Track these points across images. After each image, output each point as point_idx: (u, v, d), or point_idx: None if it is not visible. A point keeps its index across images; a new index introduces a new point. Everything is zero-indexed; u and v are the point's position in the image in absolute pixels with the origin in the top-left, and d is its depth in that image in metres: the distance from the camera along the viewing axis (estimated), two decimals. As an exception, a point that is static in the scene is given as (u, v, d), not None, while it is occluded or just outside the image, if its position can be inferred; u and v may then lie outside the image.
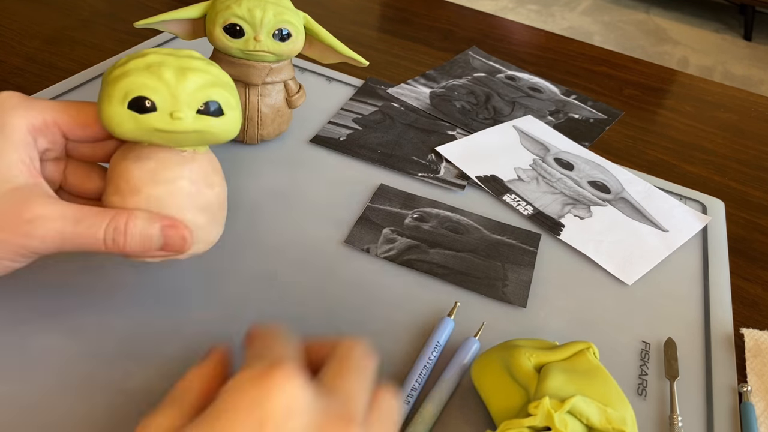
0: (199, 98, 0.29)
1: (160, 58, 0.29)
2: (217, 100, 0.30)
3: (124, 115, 0.28)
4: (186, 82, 0.29)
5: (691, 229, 0.49)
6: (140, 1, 0.74)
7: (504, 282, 0.42)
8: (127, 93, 0.28)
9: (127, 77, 0.28)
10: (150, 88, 0.28)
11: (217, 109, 0.30)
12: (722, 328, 0.41)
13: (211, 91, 0.30)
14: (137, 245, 0.29)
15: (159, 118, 0.29)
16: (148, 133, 0.29)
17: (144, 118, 0.29)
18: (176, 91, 0.29)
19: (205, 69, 0.30)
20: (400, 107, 0.59)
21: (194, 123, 0.29)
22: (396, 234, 0.44)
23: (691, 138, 0.64)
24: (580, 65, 0.75)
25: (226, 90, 0.31)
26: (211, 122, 0.30)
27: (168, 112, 0.29)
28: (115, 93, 0.28)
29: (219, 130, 0.30)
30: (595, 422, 0.29)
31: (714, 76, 2.29)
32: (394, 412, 0.26)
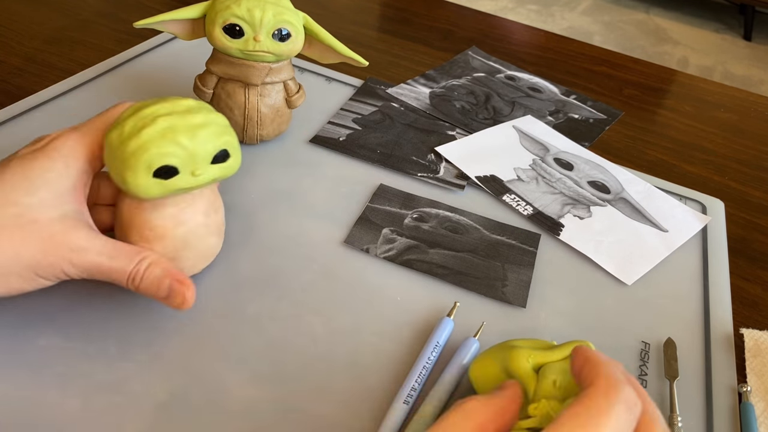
0: (212, 152, 0.33)
1: (168, 123, 0.32)
2: (226, 148, 0.34)
3: (150, 183, 0.32)
4: (200, 142, 0.32)
5: (691, 229, 0.49)
6: (140, 1, 0.74)
7: (503, 282, 0.42)
8: (151, 165, 0.31)
9: (147, 151, 0.31)
10: (171, 156, 0.32)
11: (225, 155, 0.34)
12: (722, 328, 0.41)
13: (219, 141, 0.33)
14: (148, 289, 0.32)
15: (182, 179, 0.32)
16: (172, 192, 0.33)
17: (169, 183, 0.32)
18: (194, 152, 0.32)
19: (208, 120, 0.33)
20: (400, 107, 0.59)
21: (211, 173, 0.34)
22: (395, 234, 0.44)
23: (691, 138, 0.64)
24: (580, 65, 0.75)
25: (230, 136, 0.34)
26: (221, 168, 0.34)
27: (189, 172, 0.32)
28: (140, 166, 0.31)
29: (228, 172, 0.35)
30: (594, 422, 0.29)
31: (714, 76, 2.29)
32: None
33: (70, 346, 0.33)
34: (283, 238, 0.43)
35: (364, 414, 0.33)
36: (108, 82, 0.56)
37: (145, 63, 0.60)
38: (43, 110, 0.51)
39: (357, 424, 0.32)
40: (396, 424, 0.32)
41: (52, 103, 0.52)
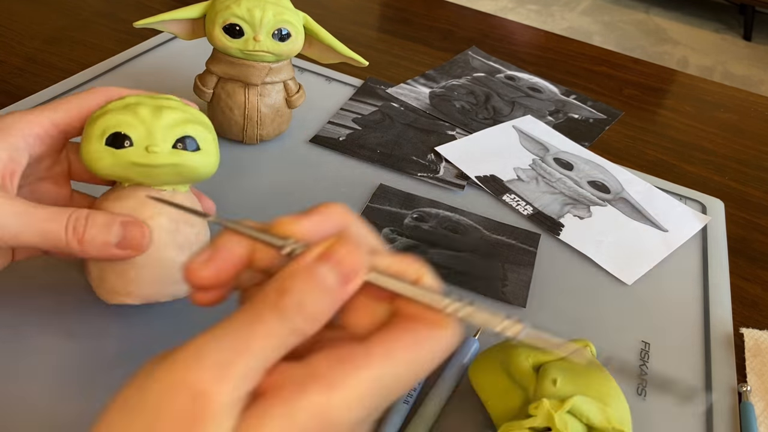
0: (175, 133, 0.30)
1: (137, 99, 0.31)
2: (193, 135, 0.31)
3: (102, 151, 0.29)
4: (161, 118, 0.30)
5: (691, 228, 0.49)
6: (140, 1, 0.74)
7: (503, 282, 0.42)
8: (105, 130, 0.29)
9: (104, 116, 0.30)
10: (126, 124, 0.29)
11: (193, 144, 0.31)
12: (722, 327, 0.41)
13: (186, 126, 0.31)
14: (97, 235, 0.28)
15: (135, 152, 0.30)
16: (125, 168, 0.30)
17: (121, 153, 0.29)
18: (152, 126, 0.30)
19: (181, 108, 0.31)
20: (400, 107, 0.59)
21: (169, 157, 0.30)
22: (396, 234, 0.44)
23: (691, 138, 0.64)
24: (580, 65, 0.75)
25: (203, 127, 0.32)
26: (186, 156, 0.31)
27: (143, 146, 0.30)
28: (94, 131, 0.30)
29: (195, 164, 0.31)
30: (595, 422, 0.29)
31: (714, 76, 2.29)
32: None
33: (70, 346, 0.33)
34: (283, 238, 0.43)
35: (364, 414, 0.33)
36: (108, 82, 0.56)
37: (145, 63, 0.60)
38: (43, 110, 0.51)
39: (357, 424, 0.32)
40: (396, 424, 0.32)
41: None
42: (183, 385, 0.18)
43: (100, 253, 0.29)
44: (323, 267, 0.20)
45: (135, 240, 0.29)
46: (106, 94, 0.33)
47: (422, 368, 0.20)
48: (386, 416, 0.32)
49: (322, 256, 0.20)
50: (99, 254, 0.29)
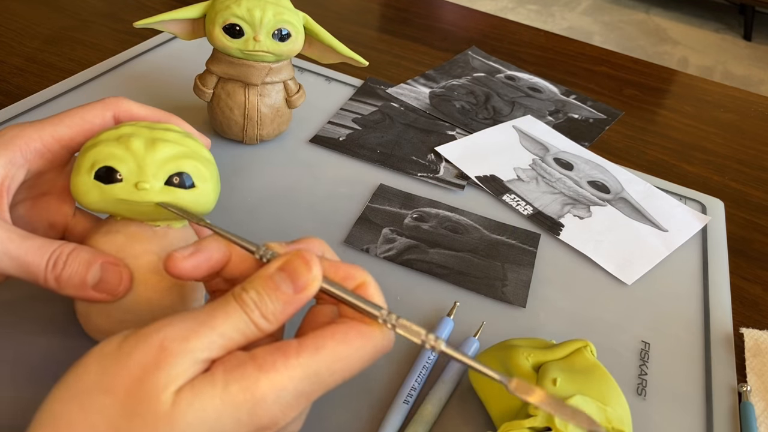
0: (168, 169, 0.28)
1: (132, 130, 0.29)
2: (188, 172, 0.29)
3: (89, 184, 0.28)
4: (155, 153, 0.28)
5: (691, 229, 0.49)
6: (140, 1, 0.74)
7: (503, 282, 0.42)
8: (94, 163, 0.28)
9: (95, 147, 0.28)
10: (116, 158, 0.28)
11: (187, 181, 0.29)
12: (722, 327, 0.41)
13: (181, 162, 0.28)
14: (75, 275, 0.28)
15: (123, 189, 0.28)
16: (113, 204, 0.28)
17: (108, 189, 0.28)
18: (143, 161, 0.28)
19: (179, 141, 0.29)
20: (400, 107, 0.59)
21: (160, 194, 0.28)
22: (395, 234, 0.44)
23: (691, 138, 0.64)
24: (580, 65, 0.75)
25: (199, 162, 0.29)
26: (179, 194, 0.28)
27: (133, 183, 0.28)
28: (84, 163, 0.28)
29: (188, 203, 0.29)
30: (594, 422, 0.29)
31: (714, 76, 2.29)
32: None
33: (70, 346, 0.33)
34: (282, 238, 0.43)
35: (364, 414, 0.33)
36: (108, 82, 0.56)
37: (145, 63, 0.60)
38: (43, 110, 0.51)
39: (357, 424, 0.32)
40: (396, 424, 0.32)
41: (52, 103, 0.52)
42: (153, 339, 0.22)
43: (77, 292, 0.28)
44: (279, 276, 0.24)
45: (111, 285, 0.28)
46: (115, 107, 0.32)
47: (353, 364, 0.24)
48: (386, 416, 0.32)
49: (281, 266, 0.24)
50: (76, 294, 0.28)
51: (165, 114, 0.33)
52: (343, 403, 0.33)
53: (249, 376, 0.22)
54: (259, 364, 0.22)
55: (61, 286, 0.28)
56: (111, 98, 0.32)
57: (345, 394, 0.34)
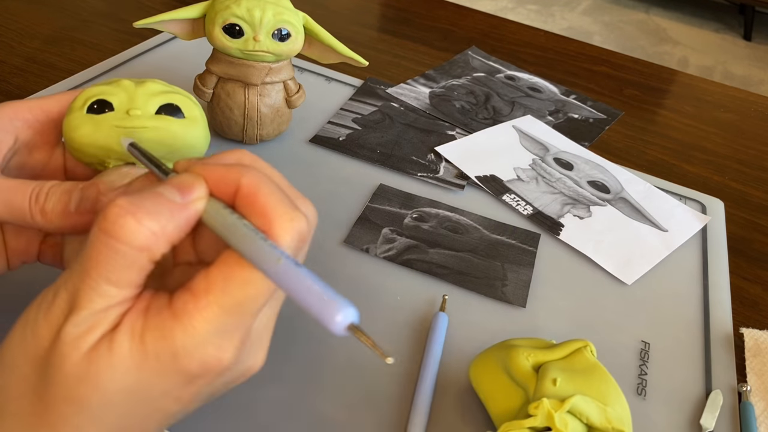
0: (158, 100, 0.30)
1: (119, 81, 0.30)
2: (176, 103, 0.30)
3: (81, 118, 0.29)
4: (144, 87, 0.30)
5: (691, 228, 0.49)
6: (140, 1, 0.74)
7: (503, 282, 0.42)
8: (87, 100, 0.29)
9: (88, 92, 0.30)
10: (108, 93, 0.29)
11: (176, 111, 0.30)
12: (722, 327, 0.41)
13: (170, 95, 0.30)
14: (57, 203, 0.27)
15: (115, 116, 0.29)
16: (106, 135, 0.29)
17: (100, 118, 0.29)
18: (134, 94, 0.30)
19: (165, 86, 0.31)
20: (400, 107, 0.59)
21: (152, 120, 0.29)
22: (395, 234, 0.44)
23: (691, 138, 0.64)
24: (580, 65, 0.75)
25: (189, 99, 0.31)
26: (169, 122, 0.30)
27: (125, 110, 0.29)
28: (76, 103, 0.29)
29: (176, 129, 0.30)
30: (595, 421, 0.29)
31: (714, 76, 2.29)
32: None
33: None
34: (283, 238, 0.43)
35: (364, 414, 0.33)
36: (108, 82, 0.56)
37: (145, 63, 0.60)
38: (43, 110, 0.51)
39: (356, 424, 0.32)
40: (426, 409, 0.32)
41: (52, 103, 0.52)
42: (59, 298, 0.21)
43: (62, 222, 0.28)
44: (164, 186, 0.22)
45: (89, 201, 0.27)
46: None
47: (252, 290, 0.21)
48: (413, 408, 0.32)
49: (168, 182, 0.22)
50: (62, 224, 0.28)
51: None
52: (343, 402, 0.33)
53: (164, 326, 0.20)
54: (173, 310, 0.21)
55: (47, 218, 0.27)
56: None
57: (345, 393, 0.34)
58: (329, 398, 0.33)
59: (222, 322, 0.21)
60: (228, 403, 0.32)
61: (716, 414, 0.35)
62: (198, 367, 0.21)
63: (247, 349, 0.23)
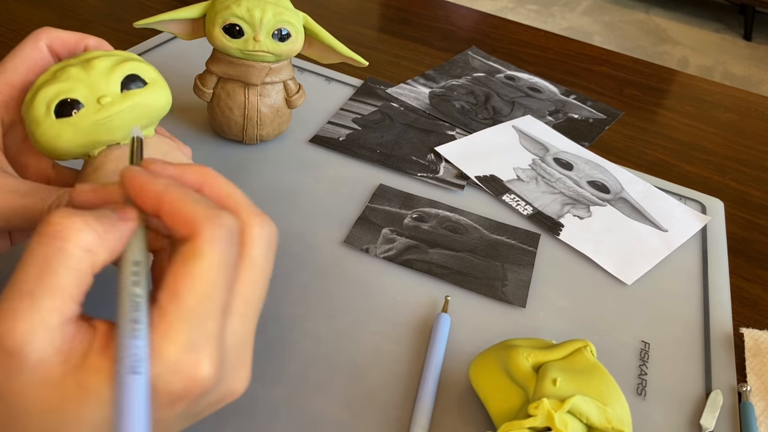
0: (116, 77, 0.29)
1: (62, 64, 0.30)
2: (133, 72, 0.30)
3: (56, 126, 0.28)
4: (94, 69, 0.29)
5: (691, 228, 0.49)
6: (140, 1, 0.74)
7: (503, 282, 0.42)
8: (48, 104, 0.28)
9: (39, 93, 0.29)
10: (67, 90, 0.28)
11: (138, 81, 0.30)
12: (722, 327, 0.41)
13: (123, 66, 0.30)
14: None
15: (89, 111, 0.29)
16: (88, 134, 0.29)
17: (77, 119, 0.28)
18: (91, 80, 0.29)
19: (108, 54, 0.30)
20: (400, 107, 0.59)
21: (123, 100, 0.29)
22: (395, 234, 0.44)
23: (691, 138, 0.64)
24: (580, 65, 0.75)
25: (138, 62, 0.31)
26: (138, 95, 0.30)
27: (94, 101, 0.29)
28: (37, 111, 0.28)
29: (148, 99, 0.30)
30: (595, 422, 0.29)
31: (714, 76, 2.29)
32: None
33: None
34: (283, 238, 0.43)
35: (364, 414, 0.33)
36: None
37: (145, 63, 0.60)
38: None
39: (357, 424, 0.32)
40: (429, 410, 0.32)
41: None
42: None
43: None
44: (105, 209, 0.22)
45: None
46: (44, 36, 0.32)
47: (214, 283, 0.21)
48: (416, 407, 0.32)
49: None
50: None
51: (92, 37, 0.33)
52: (343, 402, 0.33)
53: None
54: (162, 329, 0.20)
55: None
56: (37, 30, 0.32)
57: (345, 393, 0.34)
58: (330, 398, 0.33)
59: (188, 338, 0.20)
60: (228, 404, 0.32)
61: (716, 414, 0.35)
62: (179, 388, 0.20)
63: (226, 367, 0.22)
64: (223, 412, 0.32)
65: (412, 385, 0.35)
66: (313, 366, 0.35)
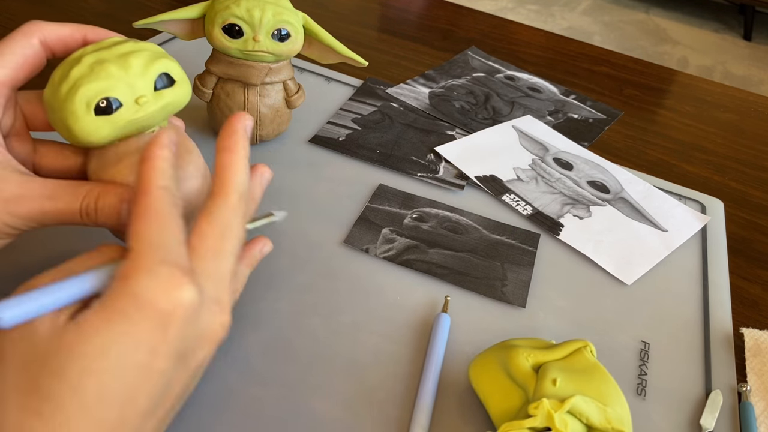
0: (150, 76, 0.31)
1: (95, 57, 0.30)
2: (166, 72, 0.32)
3: (96, 122, 0.29)
4: (132, 68, 0.30)
5: (691, 228, 0.49)
6: (140, 1, 0.74)
7: (503, 282, 0.42)
8: (89, 102, 0.29)
9: (80, 88, 0.29)
10: (109, 88, 0.29)
11: (168, 79, 0.32)
12: (722, 327, 0.41)
13: (156, 66, 0.31)
14: (108, 218, 0.30)
15: (128, 111, 0.30)
16: (122, 129, 0.30)
17: (116, 117, 0.30)
18: (129, 80, 0.30)
19: (137, 48, 0.31)
20: (400, 107, 0.59)
21: (157, 100, 0.31)
22: (395, 234, 0.44)
23: (691, 138, 0.64)
24: (580, 65, 0.75)
25: (167, 59, 0.32)
26: (169, 94, 0.32)
27: (132, 101, 0.30)
28: (78, 107, 0.29)
29: (176, 98, 0.32)
30: (594, 422, 0.29)
31: (714, 76, 2.29)
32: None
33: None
34: (282, 238, 0.43)
35: (364, 414, 0.33)
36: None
37: (144, 63, 0.60)
38: (42, 110, 0.51)
39: (357, 424, 0.32)
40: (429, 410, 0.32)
41: (51, 103, 0.52)
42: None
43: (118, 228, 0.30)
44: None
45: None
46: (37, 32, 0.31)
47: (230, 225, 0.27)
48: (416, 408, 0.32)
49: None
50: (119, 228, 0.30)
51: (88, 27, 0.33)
52: (343, 402, 0.33)
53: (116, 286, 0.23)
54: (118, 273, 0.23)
55: (101, 226, 0.30)
56: (26, 25, 0.32)
57: (345, 393, 0.34)
58: (330, 398, 0.33)
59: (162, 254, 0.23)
60: (228, 404, 0.32)
61: (716, 414, 0.35)
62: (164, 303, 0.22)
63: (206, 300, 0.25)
64: (223, 412, 0.32)
65: (412, 385, 0.35)
66: (313, 366, 0.35)
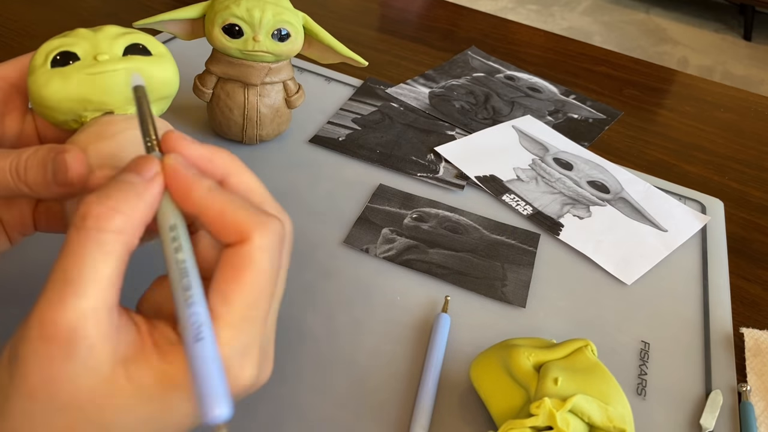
0: (122, 42, 0.29)
1: (75, 31, 0.30)
2: (140, 42, 0.29)
3: (48, 74, 0.28)
4: (104, 32, 0.29)
5: (691, 228, 0.49)
6: (140, 1, 0.74)
7: (503, 282, 0.42)
8: (48, 54, 0.28)
9: (43, 46, 0.29)
10: (69, 44, 0.28)
11: (142, 49, 0.29)
12: (722, 327, 0.41)
13: (131, 36, 0.30)
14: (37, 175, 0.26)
15: (83, 64, 0.28)
16: (78, 87, 0.28)
17: (69, 70, 0.28)
18: (96, 40, 0.29)
19: (124, 29, 0.30)
20: (399, 107, 0.59)
21: (121, 62, 0.28)
22: (395, 234, 0.44)
23: (691, 138, 0.64)
24: (580, 65, 0.75)
25: (150, 38, 0.30)
26: (139, 60, 0.29)
27: (91, 57, 0.28)
28: (37, 60, 0.28)
29: (149, 67, 0.29)
30: (596, 421, 0.29)
31: (714, 76, 2.29)
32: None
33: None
34: (282, 238, 0.43)
35: (364, 414, 0.33)
36: (108, 83, 0.56)
37: (144, 63, 0.60)
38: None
39: (357, 424, 0.32)
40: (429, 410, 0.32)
41: (51, 104, 0.52)
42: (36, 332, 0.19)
43: (49, 192, 0.26)
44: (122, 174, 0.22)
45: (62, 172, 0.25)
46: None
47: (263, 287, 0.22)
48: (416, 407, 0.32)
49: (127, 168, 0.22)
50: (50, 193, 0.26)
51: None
52: (343, 402, 0.33)
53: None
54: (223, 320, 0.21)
55: (34, 190, 0.26)
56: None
57: (345, 393, 0.34)
58: (331, 399, 0.33)
59: (238, 343, 0.21)
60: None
61: (716, 414, 0.35)
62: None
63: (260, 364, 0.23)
64: (223, 412, 0.32)
65: (412, 385, 0.35)
66: (313, 366, 0.35)
